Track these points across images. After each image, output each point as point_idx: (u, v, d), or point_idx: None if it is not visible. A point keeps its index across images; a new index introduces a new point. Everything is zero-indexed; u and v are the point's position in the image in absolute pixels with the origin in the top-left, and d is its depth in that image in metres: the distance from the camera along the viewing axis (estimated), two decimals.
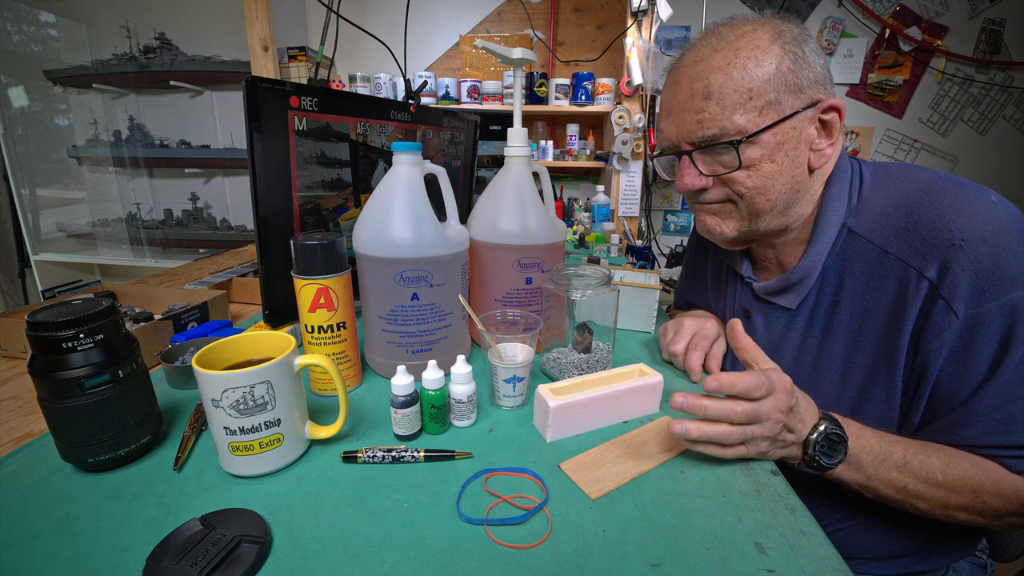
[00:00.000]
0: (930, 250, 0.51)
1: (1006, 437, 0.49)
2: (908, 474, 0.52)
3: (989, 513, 0.51)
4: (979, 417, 0.50)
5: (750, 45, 0.54)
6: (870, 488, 0.53)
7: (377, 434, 0.56)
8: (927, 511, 0.53)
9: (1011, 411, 0.49)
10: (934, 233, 0.51)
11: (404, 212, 0.61)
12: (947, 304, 0.50)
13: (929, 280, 0.51)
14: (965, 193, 0.52)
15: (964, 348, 0.50)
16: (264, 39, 1.87)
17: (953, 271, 0.49)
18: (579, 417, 0.56)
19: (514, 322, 0.67)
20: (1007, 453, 0.50)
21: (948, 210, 0.51)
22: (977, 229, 0.49)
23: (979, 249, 0.48)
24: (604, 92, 2.14)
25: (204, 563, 0.36)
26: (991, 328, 0.48)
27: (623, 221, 2.15)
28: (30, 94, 2.48)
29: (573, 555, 0.40)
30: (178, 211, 2.59)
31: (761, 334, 0.68)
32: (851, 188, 0.60)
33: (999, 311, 0.48)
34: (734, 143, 0.55)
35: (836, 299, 0.60)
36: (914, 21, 2.26)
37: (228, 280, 1.10)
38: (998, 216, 0.50)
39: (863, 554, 0.65)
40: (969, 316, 0.49)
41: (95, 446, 0.47)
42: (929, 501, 0.52)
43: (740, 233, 0.62)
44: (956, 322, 0.49)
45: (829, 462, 0.51)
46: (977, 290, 0.48)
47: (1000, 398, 0.49)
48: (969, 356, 0.50)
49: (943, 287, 0.50)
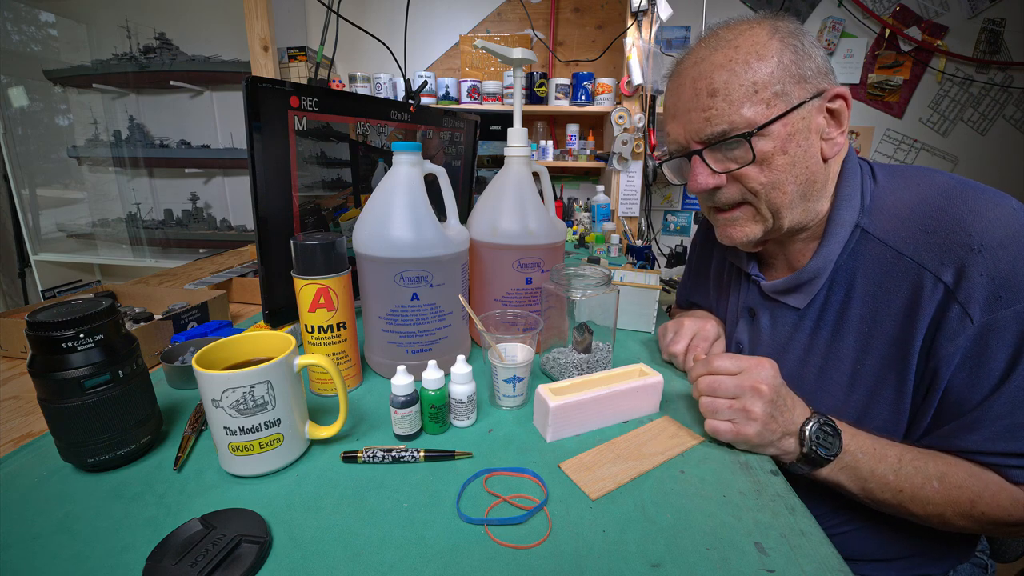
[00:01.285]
0: (947, 253, 0.50)
1: (1011, 444, 0.49)
2: (904, 479, 0.52)
3: (986, 522, 0.51)
4: (986, 423, 0.50)
5: (749, 41, 0.55)
6: (867, 491, 0.53)
7: (377, 434, 0.56)
8: (923, 517, 0.53)
9: (1018, 418, 0.48)
10: (953, 237, 0.50)
11: (404, 212, 0.61)
12: (963, 309, 0.49)
13: (945, 284, 0.50)
14: (986, 198, 0.51)
15: (978, 354, 0.49)
16: (264, 39, 1.87)
17: (970, 275, 0.49)
18: (579, 417, 0.56)
19: (514, 322, 0.67)
20: (1011, 462, 0.50)
21: (968, 214, 0.50)
22: (997, 234, 0.48)
23: (998, 254, 0.48)
24: (604, 92, 2.14)
25: (204, 563, 0.36)
26: (1006, 335, 0.48)
27: (623, 221, 2.15)
28: (30, 94, 2.48)
29: (573, 555, 0.40)
30: (178, 211, 2.59)
31: (767, 334, 0.67)
32: (863, 188, 0.59)
33: (1015, 318, 0.47)
34: (745, 135, 0.54)
35: (847, 300, 0.59)
36: (914, 21, 2.26)
37: (228, 280, 1.10)
38: (1019, 222, 0.49)
39: (864, 556, 0.64)
40: (984, 322, 0.48)
41: (95, 446, 0.47)
42: (925, 507, 0.52)
43: (765, 233, 0.61)
44: (971, 327, 0.49)
45: (827, 454, 0.51)
46: (994, 296, 0.48)
47: (1009, 404, 0.48)
48: (982, 362, 0.49)
49: (959, 291, 0.49)
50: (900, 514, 0.54)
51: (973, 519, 0.51)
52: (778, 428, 0.52)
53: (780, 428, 0.52)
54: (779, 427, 0.52)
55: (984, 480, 0.51)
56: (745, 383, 0.52)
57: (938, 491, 0.51)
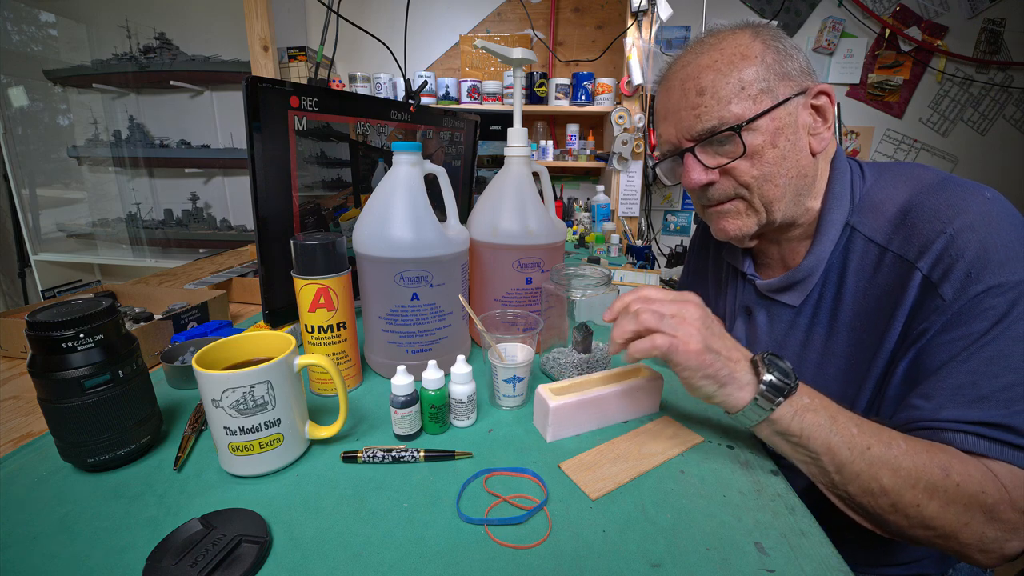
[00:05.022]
0: (924, 243, 0.52)
1: (969, 412, 0.47)
2: (870, 433, 0.47)
3: (963, 499, 0.45)
4: (946, 390, 0.48)
5: (733, 44, 0.57)
6: (832, 450, 0.47)
7: (377, 434, 0.56)
8: (893, 491, 0.45)
9: (982, 389, 0.47)
10: (928, 226, 0.52)
11: (404, 212, 0.61)
12: (936, 290, 0.50)
13: (920, 270, 0.51)
14: (963, 190, 0.53)
15: (948, 330, 0.49)
16: (264, 39, 1.87)
17: (942, 258, 0.50)
18: (579, 417, 0.56)
19: (514, 322, 0.67)
20: (969, 428, 0.47)
21: (943, 205, 0.52)
22: (967, 219, 0.50)
23: (967, 236, 0.49)
24: (604, 92, 2.14)
25: (204, 563, 0.36)
26: (975, 311, 0.48)
27: (623, 221, 2.15)
28: (30, 94, 2.48)
29: (573, 555, 0.40)
30: (178, 211, 2.59)
31: (764, 331, 0.68)
32: (852, 187, 0.60)
33: (986, 295, 0.48)
34: (735, 128, 0.56)
35: (838, 297, 0.60)
36: (914, 21, 2.26)
37: (228, 280, 1.10)
38: (988, 207, 0.50)
39: (865, 557, 0.65)
40: (956, 300, 0.49)
41: (95, 446, 0.47)
42: (896, 474, 0.45)
43: (759, 227, 0.62)
44: (943, 305, 0.49)
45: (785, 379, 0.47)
46: (964, 274, 0.48)
47: (972, 375, 0.48)
48: (954, 338, 0.49)
49: (933, 274, 0.50)
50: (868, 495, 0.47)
51: (947, 495, 0.45)
52: (720, 349, 0.49)
53: (723, 352, 0.49)
54: (721, 349, 0.49)
55: (947, 450, 0.47)
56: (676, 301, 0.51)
57: (906, 452, 0.46)
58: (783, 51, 0.57)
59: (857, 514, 0.50)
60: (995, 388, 0.47)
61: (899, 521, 0.46)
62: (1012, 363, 0.46)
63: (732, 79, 0.56)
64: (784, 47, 0.58)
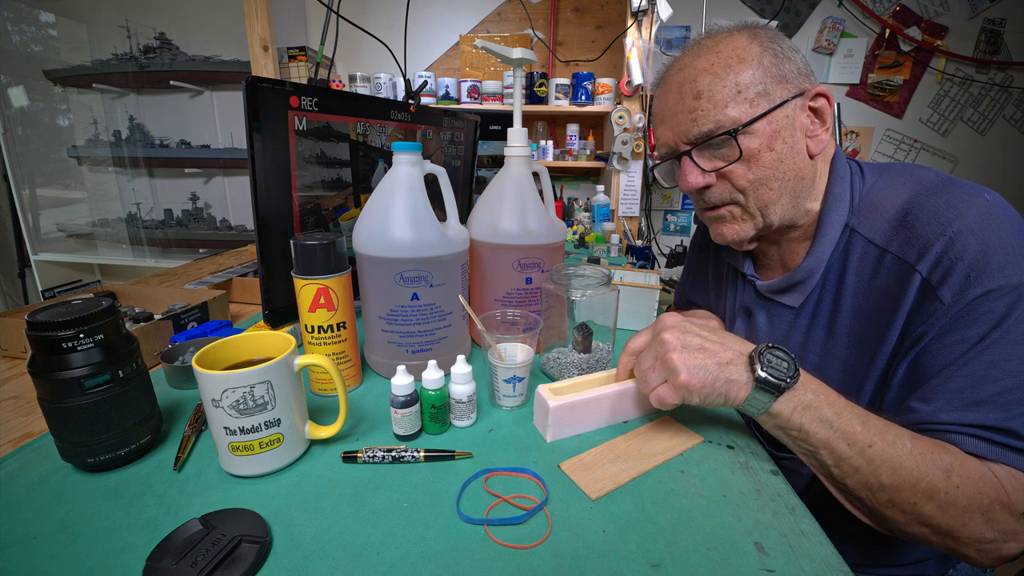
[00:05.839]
0: (923, 245, 0.51)
1: (968, 416, 0.47)
2: (874, 431, 0.47)
3: (962, 500, 0.45)
4: (945, 393, 0.49)
5: (730, 47, 0.57)
6: (831, 446, 0.47)
7: (377, 434, 0.56)
8: (892, 488, 0.46)
9: (981, 393, 0.47)
10: (928, 228, 0.52)
11: (404, 212, 0.61)
12: (935, 293, 0.50)
13: (920, 273, 0.51)
14: (963, 192, 0.52)
15: (948, 334, 0.49)
16: (264, 39, 1.86)
17: (941, 260, 0.50)
18: (579, 417, 0.56)
19: (514, 322, 0.67)
20: (969, 431, 0.47)
21: (943, 207, 0.52)
22: (967, 221, 0.50)
23: (966, 238, 0.49)
24: (604, 92, 2.14)
25: (204, 563, 0.36)
26: (974, 315, 0.48)
27: (623, 221, 2.15)
28: (30, 94, 2.48)
29: (573, 555, 0.40)
30: (178, 211, 2.59)
31: (764, 333, 0.68)
32: (852, 188, 0.60)
33: (985, 298, 0.47)
34: (731, 132, 0.56)
35: (838, 298, 0.60)
36: (914, 21, 2.26)
37: (228, 280, 1.10)
38: (989, 209, 0.50)
39: (865, 557, 0.65)
40: (955, 303, 0.49)
41: (95, 446, 0.47)
42: (897, 472, 0.45)
43: (757, 231, 0.62)
44: (942, 308, 0.49)
45: (780, 375, 0.48)
46: (963, 277, 0.48)
47: (971, 378, 0.48)
48: (953, 342, 0.49)
49: (932, 276, 0.50)
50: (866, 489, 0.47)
51: (947, 496, 0.45)
52: (708, 361, 0.49)
53: (711, 360, 0.49)
54: (708, 359, 0.49)
55: (949, 450, 0.47)
56: (653, 345, 0.53)
57: (910, 452, 0.46)
58: (780, 53, 0.57)
59: (857, 508, 0.50)
60: (994, 392, 0.47)
61: (897, 517, 0.47)
62: (1010, 367, 0.46)
63: (729, 82, 0.56)
64: (782, 49, 0.57)
